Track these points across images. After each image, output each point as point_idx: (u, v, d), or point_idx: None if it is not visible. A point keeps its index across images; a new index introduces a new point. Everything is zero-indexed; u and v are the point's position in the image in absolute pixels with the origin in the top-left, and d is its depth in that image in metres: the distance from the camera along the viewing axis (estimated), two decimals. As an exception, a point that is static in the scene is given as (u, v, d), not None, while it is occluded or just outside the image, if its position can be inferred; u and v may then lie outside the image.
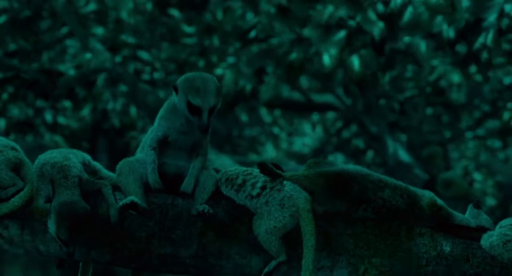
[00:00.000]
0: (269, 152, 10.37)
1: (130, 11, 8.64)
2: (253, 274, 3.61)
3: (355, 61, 7.03)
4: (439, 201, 3.70)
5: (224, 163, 7.62)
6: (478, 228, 3.68)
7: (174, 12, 8.33)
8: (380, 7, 7.21)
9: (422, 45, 7.19)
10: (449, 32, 6.92)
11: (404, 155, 8.60)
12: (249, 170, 3.75)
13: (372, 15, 6.93)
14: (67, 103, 9.60)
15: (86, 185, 3.62)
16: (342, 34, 6.97)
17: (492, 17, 6.54)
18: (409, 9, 6.81)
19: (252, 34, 7.92)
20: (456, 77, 9.04)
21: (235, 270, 3.62)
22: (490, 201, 10.40)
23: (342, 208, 3.64)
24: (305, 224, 3.51)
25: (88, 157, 3.84)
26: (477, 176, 10.45)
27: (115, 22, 8.76)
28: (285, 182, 3.62)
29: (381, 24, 7.07)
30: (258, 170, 3.69)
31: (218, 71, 8.17)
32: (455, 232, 3.69)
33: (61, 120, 9.55)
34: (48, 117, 9.33)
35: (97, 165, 3.86)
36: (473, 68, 7.16)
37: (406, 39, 8.06)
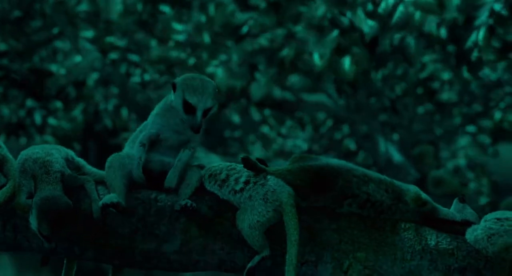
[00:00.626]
0: (259, 151, 10.35)
1: (120, 13, 8.63)
2: (237, 269, 3.59)
3: (346, 61, 7.02)
4: (424, 196, 3.69)
5: (212, 161, 7.59)
6: (463, 222, 3.67)
7: (165, 9, 8.31)
8: (370, 6, 7.21)
9: (412, 43, 7.19)
10: (441, 31, 6.92)
11: (395, 154, 8.60)
12: (232, 165, 3.74)
13: (361, 14, 6.92)
14: (58, 104, 9.58)
15: (68, 181, 3.60)
16: (335, 33, 6.96)
17: (483, 16, 6.54)
18: (400, 8, 6.80)
19: (244, 29, 7.90)
20: (446, 75, 9.04)
21: (219, 265, 3.60)
22: (484, 201, 10.38)
23: (326, 203, 3.63)
24: (289, 219, 3.50)
25: (71, 153, 3.82)
26: (470, 174, 10.43)
27: (105, 23, 8.75)
28: (268, 176, 3.60)
29: (371, 23, 7.06)
30: (242, 165, 3.68)
31: (210, 69, 8.15)
32: (440, 226, 3.67)
33: (52, 121, 9.52)
34: (38, 118, 9.30)
35: (80, 161, 3.84)
36: (464, 68, 7.17)
37: (397, 36, 8.06)
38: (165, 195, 3.63)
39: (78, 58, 8.47)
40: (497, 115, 10.21)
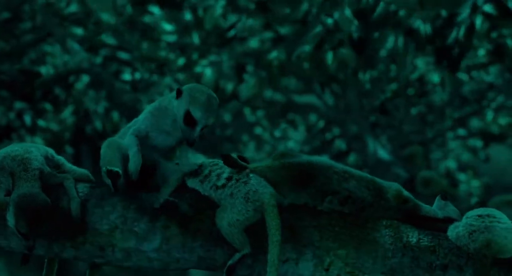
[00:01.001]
0: (251, 152, 10.33)
1: (110, 12, 8.60)
2: (218, 267, 3.57)
3: (329, 56, 7.00)
4: (405, 193, 3.67)
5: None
6: (445, 219, 3.65)
7: (154, 9, 8.29)
8: (355, 3, 7.18)
9: (400, 43, 7.17)
10: (426, 28, 6.89)
11: (384, 154, 8.57)
12: (215, 161, 3.72)
13: (347, 12, 6.89)
14: (47, 106, 9.54)
15: (47, 178, 3.57)
16: (318, 29, 6.92)
17: (465, 12, 6.51)
18: (381, 5, 6.77)
19: (232, 32, 7.89)
20: (436, 78, 9.03)
21: (199, 263, 3.57)
22: (475, 201, 10.36)
23: (307, 200, 3.60)
24: (270, 219, 3.47)
25: (51, 151, 3.80)
26: (462, 176, 10.43)
27: (95, 23, 8.73)
28: (251, 175, 3.58)
29: (356, 22, 7.03)
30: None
31: (198, 69, 8.12)
32: (422, 224, 3.65)
33: (41, 123, 9.49)
34: (27, 119, 9.28)
35: (61, 159, 3.81)
36: (445, 62, 7.14)
37: (391, 39, 8.03)
38: (145, 193, 3.61)
39: (66, 58, 8.44)
40: (489, 115, 10.21)
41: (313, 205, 3.61)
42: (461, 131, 10.15)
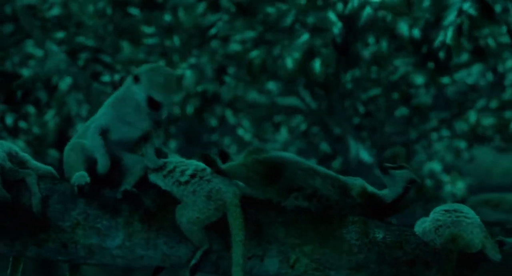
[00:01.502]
0: (233, 155, 10.27)
1: (91, 14, 8.57)
2: (182, 264, 3.52)
3: (317, 63, 6.96)
4: (370, 189, 3.63)
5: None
6: (405, 189, 3.60)
7: (134, 11, 8.24)
8: (340, 6, 7.16)
9: (384, 46, 7.15)
10: (414, 32, 6.89)
11: (365, 155, 8.55)
12: (181, 159, 3.68)
13: (332, 16, 6.87)
14: (30, 108, 9.49)
15: (9, 174, 3.53)
16: (305, 37, 6.90)
17: (451, 16, 6.50)
18: (367, 10, 6.74)
19: (213, 31, 7.84)
20: (419, 79, 9.02)
21: (163, 260, 3.52)
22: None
23: (273, 195, 3.56)
24: (233, 219, 3.42)
25: (16, 148, 3.76)
26: (445, 177, 10.40)
27: (76, 25, 8.69)
28: (215, 174, 3.53)
29: (340, 24, 7.01)
30: (192, 161, 3.62)
31: (179, 71, 8.08)
32: (391, 213, 3.62)
33: (23, 125, 9.43)
34: (9, 120, 9.22)
35: (25, 156, 3.78)
36: (431, 65, 7.14)
37: (371, 41, 8.02)
38: (109, 189, 3.56)
39: (46, 59, 8.39)
40: (472, 117, 10.19)
41: (279, 200, 3.57)
42: (445, 132, 10.13)
